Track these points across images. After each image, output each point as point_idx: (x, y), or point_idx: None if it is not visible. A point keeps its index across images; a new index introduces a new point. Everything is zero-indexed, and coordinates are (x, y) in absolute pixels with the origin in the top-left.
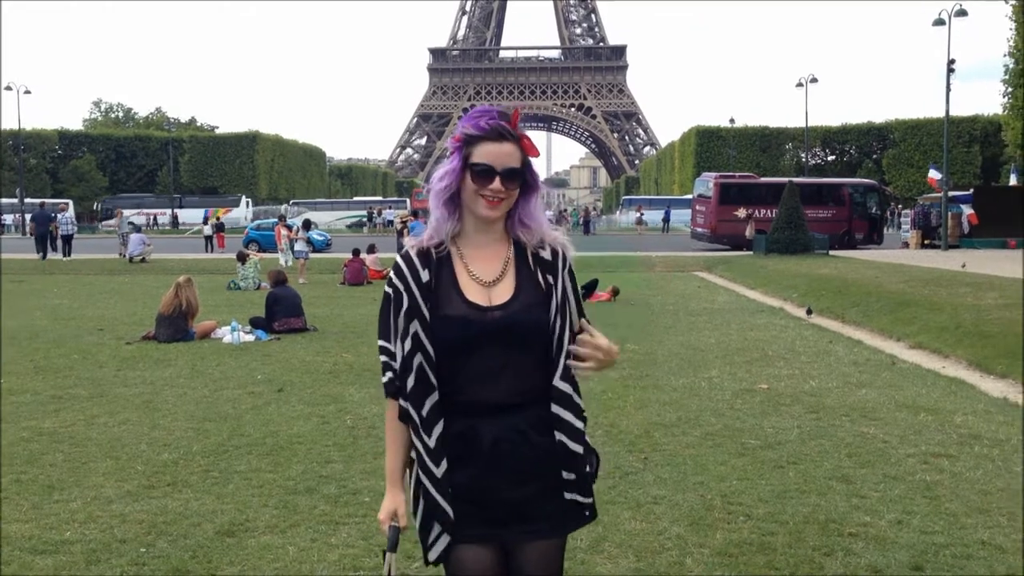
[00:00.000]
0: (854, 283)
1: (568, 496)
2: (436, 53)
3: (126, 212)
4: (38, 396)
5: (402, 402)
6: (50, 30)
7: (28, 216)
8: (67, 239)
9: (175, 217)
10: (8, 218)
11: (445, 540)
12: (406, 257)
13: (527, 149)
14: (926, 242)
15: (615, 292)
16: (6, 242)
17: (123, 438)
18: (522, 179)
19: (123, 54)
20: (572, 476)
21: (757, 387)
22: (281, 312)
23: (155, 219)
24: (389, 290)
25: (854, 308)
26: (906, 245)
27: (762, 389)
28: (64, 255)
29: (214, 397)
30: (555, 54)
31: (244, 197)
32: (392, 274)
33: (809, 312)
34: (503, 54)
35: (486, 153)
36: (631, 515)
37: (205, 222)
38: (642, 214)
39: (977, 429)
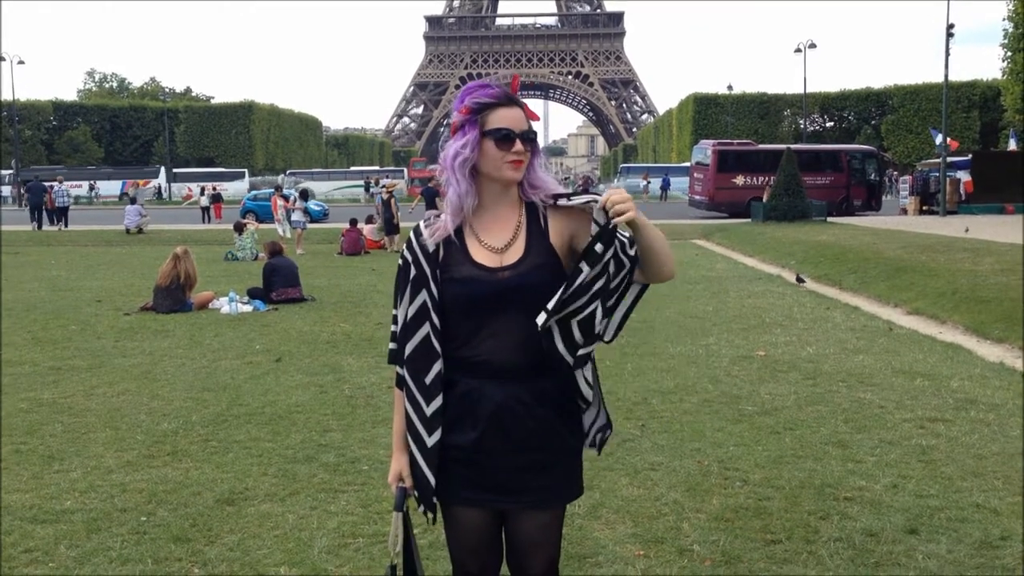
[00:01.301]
0: (851, 250)
1: (565, 468)
2: (432, 21)
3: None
4: (37, 367)
5: (399, 369)
6: (44, 0)
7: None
8: (63, 210)
9: (92, 188)
10: (5, 190)
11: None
12: (416, 229)
13: (529, 114)
14: (924, 208)
15: None
16: (3, 214)
17: (122, 408)
18: (534, 142)
19: (116, 23)
20: (565, 449)
21: (754, 354)
22: (279, 282)
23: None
24: (400, 262)
25: (851, 275)
26: (904, 211)
27: (759, 356)
28: (61, 226)
29: (212, 367)
30: (552, 21)
31: (245, 172)
32: (404, 246)
33: (800, 280)
34: (499, 22)
35: (503, 118)
36: (628, 481)
37: (123, 195)
38: (648, 182)
39: (973, 394)
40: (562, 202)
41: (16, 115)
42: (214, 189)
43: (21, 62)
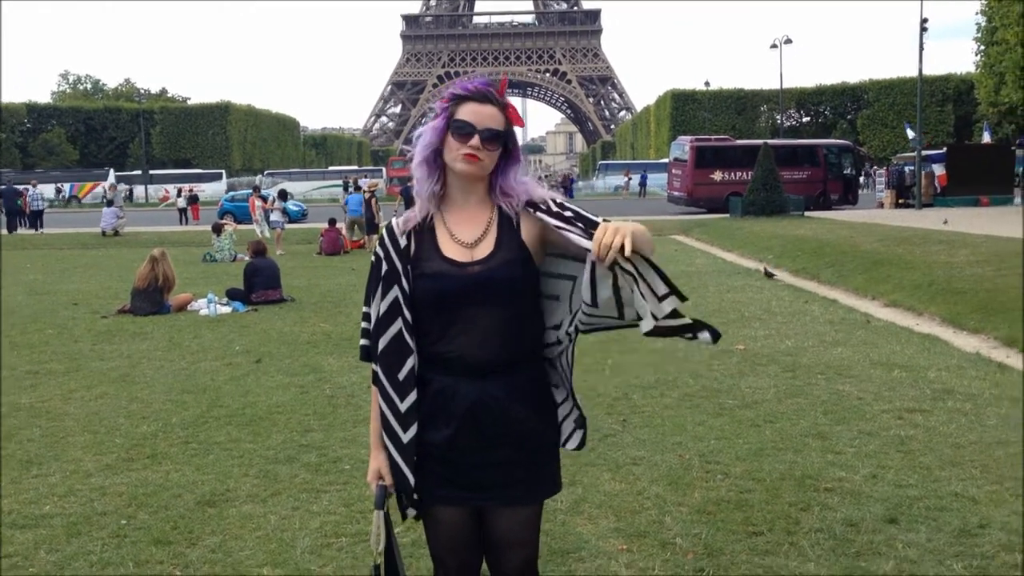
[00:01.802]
0: (829, 243)
1: (541, 464)
2: (409, 20)
3: None
4: (14, 372)
5: (374, 366)
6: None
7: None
8: (37, 214)
9: (59, 191)
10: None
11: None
12: (389, 226)
13: (512, 118)
14: (900, 201)
15: None
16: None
17: (101, 412)
18: (502, 143)
19: (89, 24)
20: (541, 445)
21: (734, 348)
22: (260, 283)
23: None
24: (373, 258)
25: (829, 268)
26: (881, 205)
27: (739, 350)
28: (35, 229)
29: (192, 369)
30: (529, 19)
31: (223, 173)
32: (377, 244)
33: (768, 275)
34: (477, 20)
35: (469, 112)
36: (610, 476)
37: (72, 198)
38: (630, 179)
39: (950, 384)
40: (551, 222)
41: None
42: (191, 190)
43: None
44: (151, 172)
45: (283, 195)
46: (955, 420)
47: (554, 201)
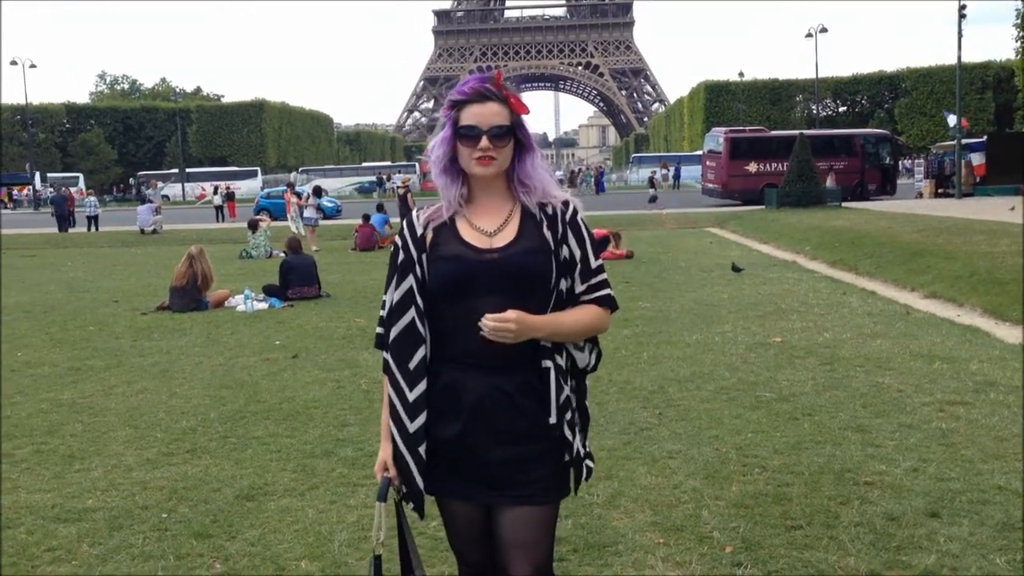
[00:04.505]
0: (867, 234)
1: (555, 463)
2: (441, 15)
3: None
4: (56, 368)
5: (385, 354)
6: (53, 3)
7: (49, 193)
8: (93, 219)
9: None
10: (18, 193)
11: (423, 500)
12: (409, 218)
13: (515, 107)
14: (940, 191)
15: (629, 255)
16: (20, 218)
17: (141, 407)
18: (512, 136)
19: (125, 25)
20: (552, 444)
21: (771, 340)
22: (296, 280)
23: None
24: (393, 248)
25: (867, 259)
26: (920, 195)
27: (776, 342)
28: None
29: (229, 365)
30: (561, 12)
31: (259, 170)
32: (398, 234)
33: (736, 269)
34: (508, 14)
35: (471, 115)
36: (647, 470)
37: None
38: (668, 170)
39: (992, 376)
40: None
41: (30, 119)
42: (227, 188)
43: (33, 66)
44: (188, 170)
45: (317, 191)
46: (997, 412)
47: (565, 213)
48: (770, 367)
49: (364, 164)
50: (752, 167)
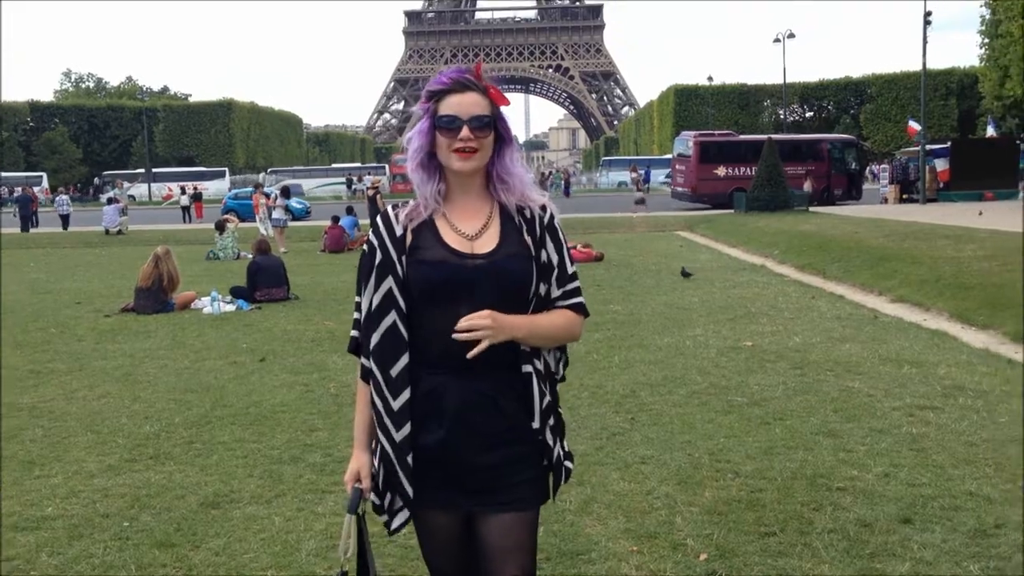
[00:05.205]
0: (834, 239)
1: (537, 467)
2: (411, 16)
3: None
4: (16, 371)
5: (364, 360)
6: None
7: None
8: (64, 218)
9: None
10: None
11: (405, 513)
12: (384, 214)
13: (495, 98)
14: (904, 196)
15: (600, 257)
16: None
17: (103, 412)
18: (492, 128)
19: (91, 22)
20: (534, 448)
21: (742, 344)
22: (263, 282)
23: None
24: (365, 247)
25: (835, 263)
26: (885, 200)
27: (747, 346)
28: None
29: (195, 368)
30: (531, 15)
31: (226, 171)
32: (370, 231)
33: (685, 274)
34: (479, 15)
35: (451, 105)
36: (619, 476)
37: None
38: (640, 173)
39: (961, 380)
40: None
41: None
42: (195, 188)
43: None
44: (154, 170)
45: (285, 192)
46: (967, 417)
47: (543, 218)
48: (741, 371)
49: (334, 165)
50: (721, 171)
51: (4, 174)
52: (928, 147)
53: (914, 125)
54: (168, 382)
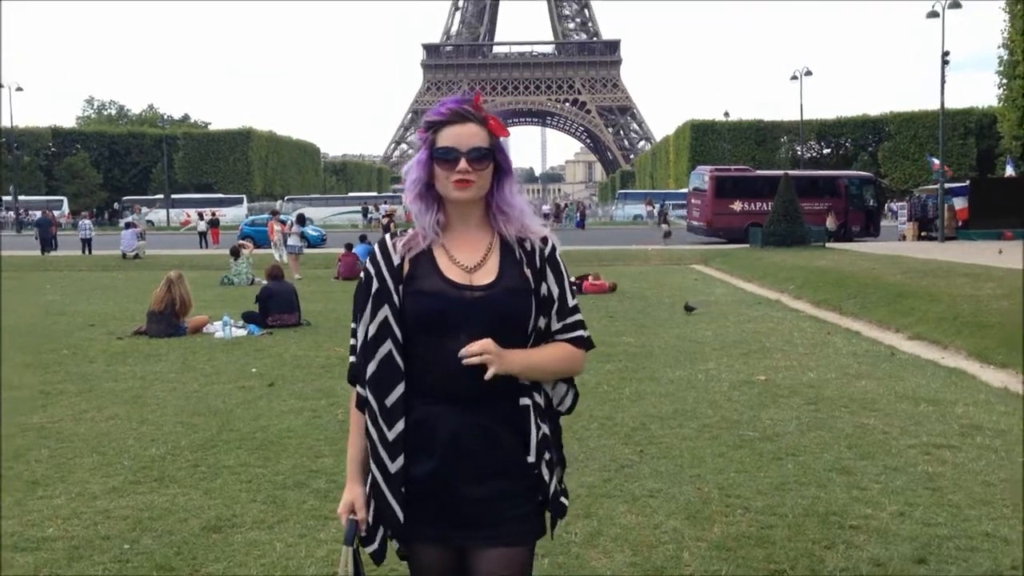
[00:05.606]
0: (851, 275)
1: (531, 503)
2: (430, 49)
3: None
4: (27, 392)
5: (360, 389)
6: (41, 27)
7: (34, 217)
8: (86, 242)
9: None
10: (2, 215)
11: (394, 544)
12: (382, 243)
13: (495, 129)
14: (923, 234)
15: (613, 287)
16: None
17: (110, 433)
18: (491, 159)
19: (114, 51)
20: (528, 482)
21: (755, 378)
22: (275, 307)
23: None
24: (362, 275)
25: (851, 299)
26: (903, 237)
27: (760, 381)
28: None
29: (204, 392)
30: (549, 49)
31: (244, 198)
32: (367, 260)
33: (689, 309)
34: (497, 50)
35: (449, 136)
36: (627, 508)
37: None
38: (655, 207)
39: (978, 419)
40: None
41: (14, 141)
42: (212, 215)
43: (19, 89)
44: (173, 196)
45: (301, 219)
46: (984, 457)
47: (544, 250)
48: (754, 406)
49: (351, 194)
50: (737, 206)
51: (25, 198)
52: (947, 185)
53: (935, 163)
54: (176, 405)
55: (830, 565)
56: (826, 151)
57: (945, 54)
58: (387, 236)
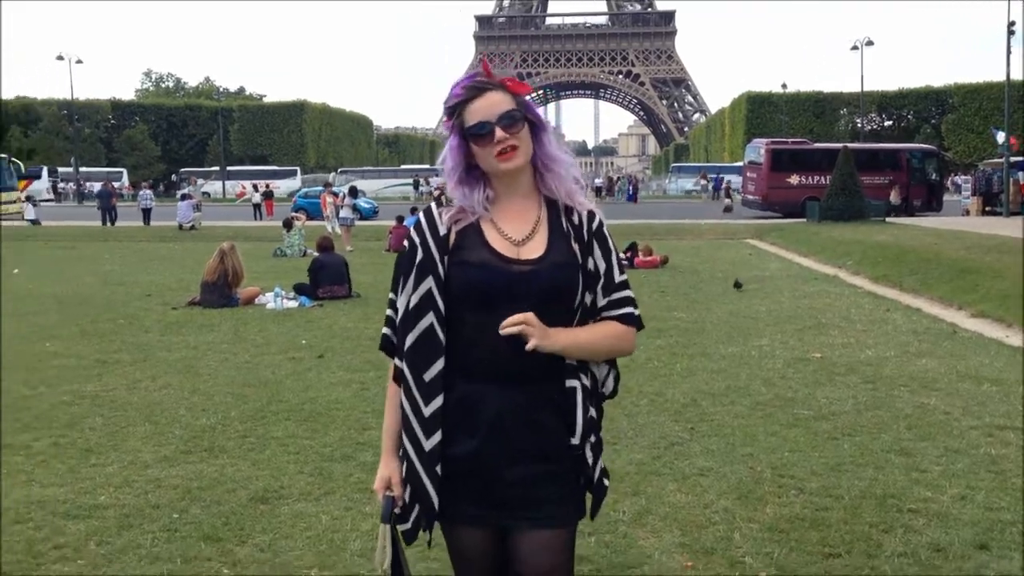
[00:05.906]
0: (912, 250)
1: (574, 484)
2: (482, 21)
3: None
4: (82, 360)
5: (397, 362)
6: (100, 1)
7: (95, 188)
8: (147, 212)
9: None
10: (63, 186)
11: (429, 522)
12: (427, 212)
13: (515, 89)
14: (987, 209)
15: (664, 260)
16: (64, 210)
17: (163, 402)
18: (523, 120)
19: (172, 24)
20: (571, 464)
21: (810, 356)
22: (325, 279)
23: None
24: (406, 243)
25: (912, 276)
26: (967, 212)
27: (815, 358)
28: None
29: (255, 362)
30: (602, 20)
31: (298, 170)
32: (412, 229)
33: (737, 285)
34: (550, 21)
35: (476, 112)
36: (676, 487)
37: None
38: (708, 182)
39: None
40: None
41: (75, 114)
42: (267, 187)
43: (79, 62)
44: (229, 168)
45: (353, 192)
46: None
47: (591, 224)
48: (809, 383)
49: (403, 167)
50: (794, 179)
51: (86, 169)
52: (1013, 159)
53: (1000, 136)
54: (228, 375)
55: (887, 550)
56: (887, 124)
57: (1011, 24)
58: (433, 205)
